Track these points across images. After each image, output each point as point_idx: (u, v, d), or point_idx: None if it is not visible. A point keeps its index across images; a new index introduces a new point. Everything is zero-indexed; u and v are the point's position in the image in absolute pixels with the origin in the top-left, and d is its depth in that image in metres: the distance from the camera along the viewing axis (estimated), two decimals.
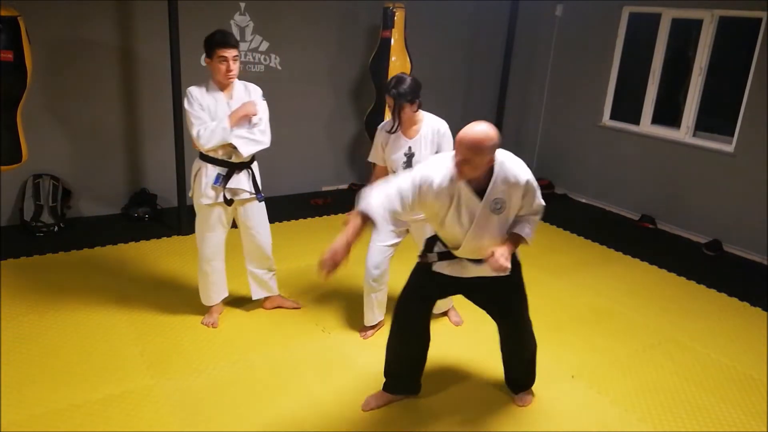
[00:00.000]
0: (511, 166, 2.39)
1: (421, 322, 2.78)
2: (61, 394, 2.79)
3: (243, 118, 3.13)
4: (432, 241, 2.66)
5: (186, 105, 3.09)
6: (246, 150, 3.15)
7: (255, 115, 3.17)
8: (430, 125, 3.12)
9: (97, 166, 4.97)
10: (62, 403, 2.74)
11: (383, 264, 3.31)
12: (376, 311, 3.45)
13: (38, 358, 3.07)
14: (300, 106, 5.77)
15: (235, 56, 3.07)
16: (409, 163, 3.11)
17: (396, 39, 5.29)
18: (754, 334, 3.77)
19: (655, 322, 3.85)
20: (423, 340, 2.83)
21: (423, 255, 2.67)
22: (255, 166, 3.35)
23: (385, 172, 3.23)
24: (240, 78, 3.24)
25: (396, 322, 2.78)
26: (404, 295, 2.76)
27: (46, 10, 4.41)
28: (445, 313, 3.72)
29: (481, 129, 2.24)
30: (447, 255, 2.60)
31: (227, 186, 3.20)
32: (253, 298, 3.63)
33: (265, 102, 3.27)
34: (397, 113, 3.03)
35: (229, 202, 3.25)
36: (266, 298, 3.67)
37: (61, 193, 4.75)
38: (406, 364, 2.86)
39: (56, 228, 4.63)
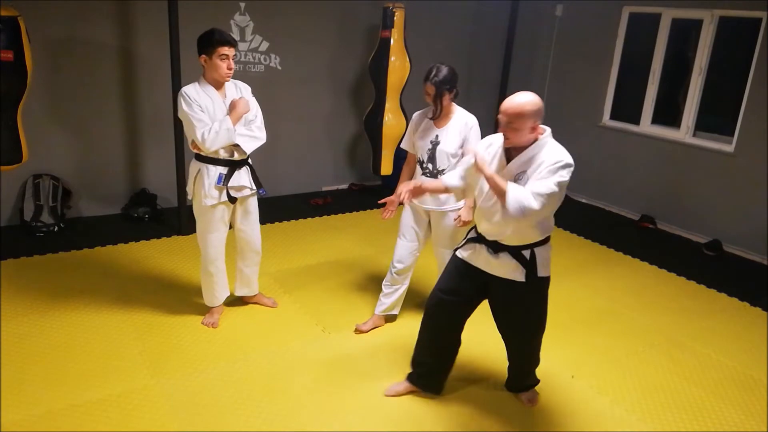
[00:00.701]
0: (550, 149, 2.44)
1: (446, 317, 2.78)
2: (61, 394, 2.79)
3: (240, 117, 3.13)
4: (472, 229, 2.72)
5: (184, 107, 3.02)
6: (249, 147, 3.17)
7: (248, 111, 3.17)
8: (461, 118, 3.22)
9: (97, 166, 4.97)
10: (62, 403, 2.74)
11: (407, 259, 3.39)
12: (391, 303, 3.52)
13: (38, 357, 3.07)
14: (300, 106, 5.77)
15: (234, 54, 3.06)
16: (433, 151, 3.20)
17: (396, 39, 5.29)
18: (754, 334, 3.77)
19: (655, 322, 3.85)
20: (447, 338, 2.83)
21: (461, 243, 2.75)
22: (249, 161, 3.35)
23: (415, 160, 3.35)
24: (240, 78, 3.26)
25: (425, 312, 2.85)
26: (435, 286, 2.82)
27: (46, 10, 4.41)
28: None
29: (522, 95, 2.40)
30: (473, 240, 2.65)
31: (229, 184, 3.21)
32: (236, 294, 3.65)
33: (254, 98, 3.28)
34: (438, 101, 3.15)
35: (232, 200, 3.27)
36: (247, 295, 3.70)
37: (61, 193, 4.75)
38: (429, 357, 2.89)
39: (56, 228, 4.63)
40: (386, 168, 5.68)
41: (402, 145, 3.44)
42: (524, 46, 6.58)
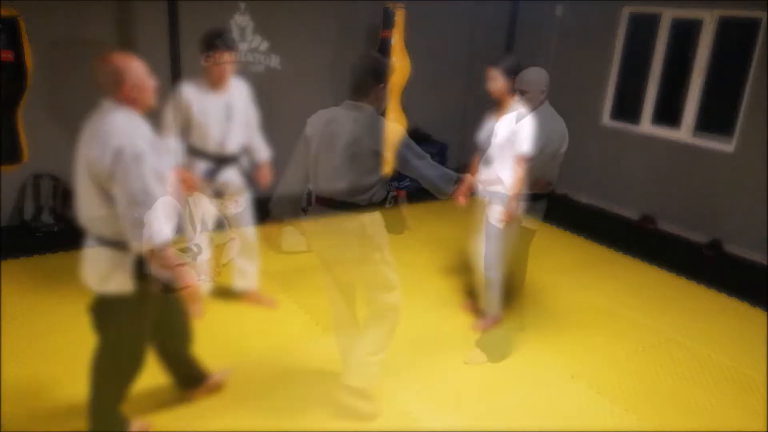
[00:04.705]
0: None
1: None
2: (61, 394, 2.79)
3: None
4: None
5: (171, 103, 3.12)
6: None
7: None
8: (517, 114, 3.27)
9: None
10: (62, 403, 2.74)
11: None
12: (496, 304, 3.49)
13: (38, 358, 3.06)
14: (300, 106, 5.72)
15: (232, 58, 3.13)
16: (488, 143, 3.29)
17: (396, 39, 5.29)
18: (754, 334, 3.77)
19: (655, 322, 3.85)
20: None
21: None
22: (242, 160, 3.40)
23: None
24: (240, 78, 3.29)
25: None
26: None
27: (46, 10, 4.40)
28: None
29: None
30: None
31: (216, 180, 3.26)
32: (234, 288, 3.66)
33: (251, 103, 3.37)
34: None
35: (218, 196, 3.31)
36: (245, 293, 3.69)
37: (61, 193, 4.75)
38: None
39: (56, 228, 4.63)
40: (386, 168, 5.67)
41: (478, 137, 3.48)
42: (524, 46, 6.58)
